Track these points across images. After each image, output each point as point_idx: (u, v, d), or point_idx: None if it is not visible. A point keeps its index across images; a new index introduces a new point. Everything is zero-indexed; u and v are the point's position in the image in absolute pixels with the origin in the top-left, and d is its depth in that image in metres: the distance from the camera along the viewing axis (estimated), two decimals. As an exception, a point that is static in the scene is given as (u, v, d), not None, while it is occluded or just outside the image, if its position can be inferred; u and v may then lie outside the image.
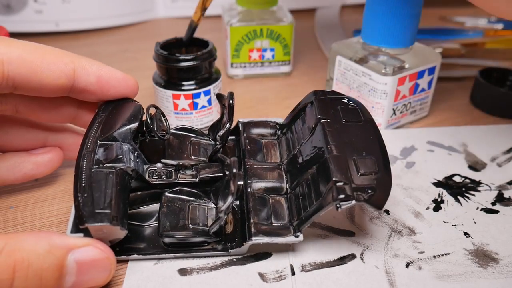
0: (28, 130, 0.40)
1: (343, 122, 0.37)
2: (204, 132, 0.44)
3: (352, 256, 0.36)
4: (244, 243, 0.34)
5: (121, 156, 0.34)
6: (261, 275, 0.34)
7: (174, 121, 0.50)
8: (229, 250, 0.35)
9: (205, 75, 0.49)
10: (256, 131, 0.43)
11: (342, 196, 0.31)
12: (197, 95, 0.49)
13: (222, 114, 0.42)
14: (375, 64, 0.49)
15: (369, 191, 0.32)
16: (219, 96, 0.42)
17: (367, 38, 0.51)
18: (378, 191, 0.32)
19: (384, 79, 0.48)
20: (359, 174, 0.33)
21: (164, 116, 0.40)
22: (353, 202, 0.31)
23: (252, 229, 0.34)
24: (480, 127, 0.53)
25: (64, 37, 0.77)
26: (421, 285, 0.33)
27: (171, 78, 0.49)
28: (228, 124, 0.38)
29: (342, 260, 0.35)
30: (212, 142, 0.43)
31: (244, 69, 0.64)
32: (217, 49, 0.51)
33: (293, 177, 0.38)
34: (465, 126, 0.53)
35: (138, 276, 0.34)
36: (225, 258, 0.35)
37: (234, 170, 0.32)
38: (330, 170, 0.33)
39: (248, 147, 0.41)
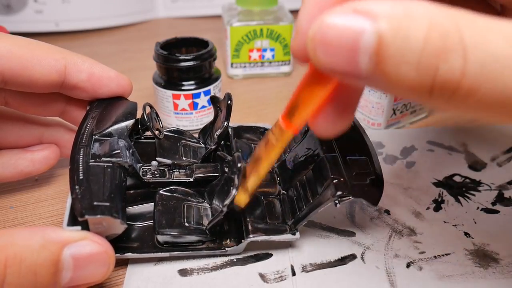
0: (24, 126, 0.40)
1: None
2: (193, 135, 0.44)
3: (352, 257, 0.36)
4: (242, 241, 0.35)
5: (119, 151, 0.34)
6: (262, 276, 0.34)
7: (174, 121, 0.50)
8: (226, 249, 0.35)
9: (205, 75, 0.49)
10: (245, 135, 0.43)
11: (340, 192, 0.33)
12: (197, 95, 0.49)
13: (216, 117, 0.42)
14: (375, 64, 0.49)
15: (365, 188, 0.34)
16: (214, 99, 0.42)
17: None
18: (373, 188, 0.34)
19: (384, 79, 0.48)
20: (354, 173, 0.34)
21: (158, 116, 0.40)
22: (351, 198, 0.33)
23: (250, 227, 0.35)
24: (480, 127, 0.52)
25: (64, 37, 0.77)
26: (422, 286, 0.33)
27: (171, 78, 0.49)
28: (226, 123, 0.39)
29: (342, 261, 0.35)
30: (203, 145, 0.43)
31: (244, 69, 0.64)
32: (217, 49, 0.51)
33: (285, 179, 0.39)
34: (465, 125, 0.53)
35: (138, 277, 0.34)
36: (225, 259, 0.35)
37: (239, 165, 0.32)
38: (327, 168, 0.35)
39: (239, 150, 0.41)
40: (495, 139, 0.50)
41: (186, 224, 0.35)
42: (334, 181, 0.33)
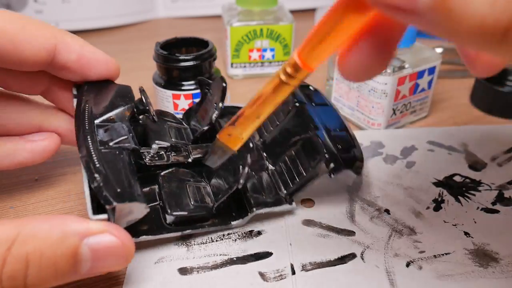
0: (23, 114, 0.40)
1: (313, 105, 0.43)
2: (175, 115, 0.45)
3: (352, 256, 0.36)
4: (248, 214, 0.37)
5: (126, 136, 0.35)
6: (262, 274, 0.34)
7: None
8: (231, 223, 0.37)
9: (205, 75, 0.49)
10: (227, 114, 0.45)
11: (333, 165, 0.37)
12: (197, 95, 0.49)
13: (202, 99, 0.43)
14: (375, 64, 0.49)
15: (351, 160, 0.38)
16: (202, 81, 0.43)
17: (367, 38, 0.51)
18: (357, 160, 0.39)
19: (384, 79, 0.48)
20: (340, 147, 0.39)
21: (149, 99, 0.41)
22: (342, 169, 0.37)
23: (252, 201, 0.37)
24: (480, 127, 0.53)
25: (64, 37, 0.77)
26: (422, 285, 0.33)
27: (171, 78, 0.49)
28: (221, 104, 0.40)
29: (342, 260, 0.35)
30: (187, 126, 0.44)
31: (244, 69, 0.64)
32: (217, 49, 0.51)
33: (272, 155, 0.42)
34: (465, 125, 0.53)
35: (138, 276, 0.34)
36: (225, 257, 0.35)
37: (251, 145, 0.35)
38: (320, 144, 0.38)
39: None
40: (495, 139, 0.50)
41: (193, 202, 0.36)
42: (327, 155, 0.37)
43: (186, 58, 0.47)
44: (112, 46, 0.76)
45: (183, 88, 0.49)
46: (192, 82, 0.49)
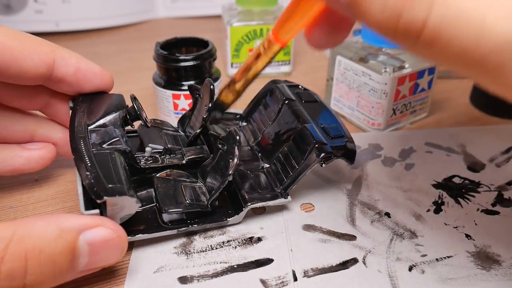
0: (17, 121, 0.40)
1: (303, 102, 0.44)
2: (171, 124, 0.46)
3: (354, 261, 0.35)
4: (243, 208, 0.37)
5: (118, 138, 0.36)
6: (263, 282, 0.34)
7: (174, 121, 0.50)
8: (227, 219, 0.38)
9: (205, 75, 0.49)
10: (220, 120, 0.47)
11: (323, 154, 0.37)
12: (197, 96, 0.49)
13: (195, 104, 0.44)
14: (375, 64, 0.49)
15: (343, 149, 0.39)
16: (191, 87, 0.44)
17: (367, 38, 0.51)
18: (349, 149, 0.39)
19: (384, 79, 0.48)
20: (330, 137, 0.40)
21: (141, 106, 0.41)
22: (334, 158, 0.38)
23: (246, 197, 0.38)
24: (478, 128, 0.53)
25: (64, 37, 0.77)
26: (424, 289, 0.33)
27: (171, 78, 0.49)
28: (210, 104, 0.40)
29: (344, 265, 0.35)
30: (182, 133, 0.45)
31: (244, 69, 0.64)
32: (217, 49, 0.51)
33: (267, 154, 0.43)
34: (463, 127, 0.53)
35: (137, 285, 0.33)
36: (226, 265, 0.35)
37: (238, 137, 0.36)
38: (309, 136, 0.39)
39: (217, 133, 0.44)
40: (493, 140, 0.50)
41: (188, 201, 0.37)
42: (317, 145, 0.38)
43: (186, 58, 0.47)
44: (112, 46, 0.76)
45: (183, 88, 0.48)
46: (192, 82, 0.49)
